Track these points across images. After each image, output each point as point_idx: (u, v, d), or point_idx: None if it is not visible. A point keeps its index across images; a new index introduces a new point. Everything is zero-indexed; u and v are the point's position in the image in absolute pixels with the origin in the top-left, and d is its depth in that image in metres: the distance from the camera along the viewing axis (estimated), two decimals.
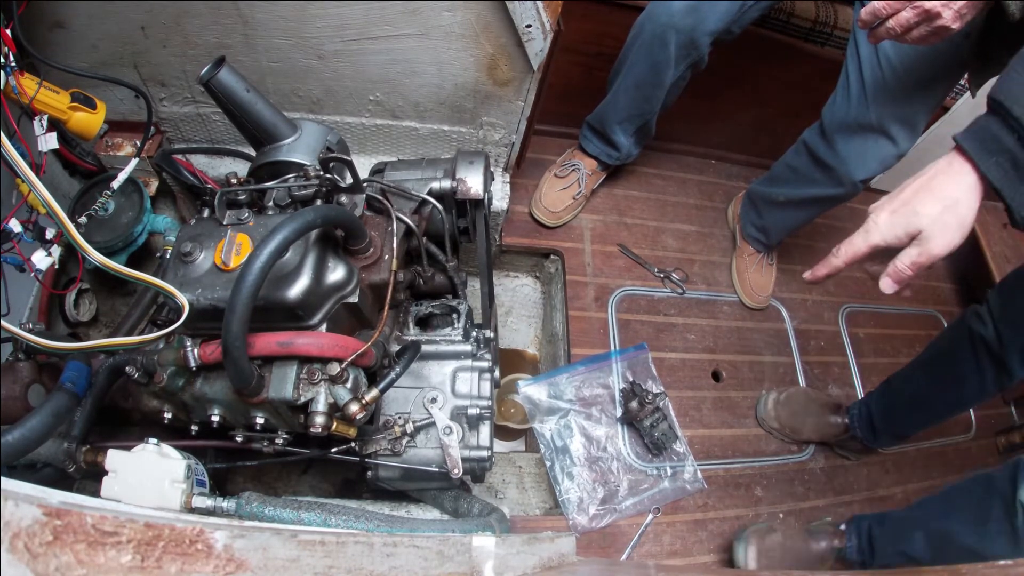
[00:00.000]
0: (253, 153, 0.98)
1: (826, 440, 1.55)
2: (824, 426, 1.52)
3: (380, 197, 0.95)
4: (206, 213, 0.91)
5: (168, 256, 0.87)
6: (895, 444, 1.55)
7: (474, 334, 1.06)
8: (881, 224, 0.75)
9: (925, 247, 0.72)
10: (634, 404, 1.39)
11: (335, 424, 0.81)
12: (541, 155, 1.74)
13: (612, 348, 1.56)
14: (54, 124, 0.91)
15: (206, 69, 0.85)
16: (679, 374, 1.59)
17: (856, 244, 0.77)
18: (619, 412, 1.46)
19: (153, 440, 0.79)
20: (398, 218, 0.94)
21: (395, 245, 0.91)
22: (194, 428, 0.91)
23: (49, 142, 0.89)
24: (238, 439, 0.89)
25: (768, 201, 1.62)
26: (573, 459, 1.39)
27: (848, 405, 1.53)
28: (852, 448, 1.56)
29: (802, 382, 1.68)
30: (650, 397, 1.39)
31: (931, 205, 0.72)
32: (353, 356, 0.81)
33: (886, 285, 0.76)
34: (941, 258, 0.73)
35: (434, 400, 0.97)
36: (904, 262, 0.74)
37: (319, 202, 0.89)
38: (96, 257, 0.71)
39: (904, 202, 0.74)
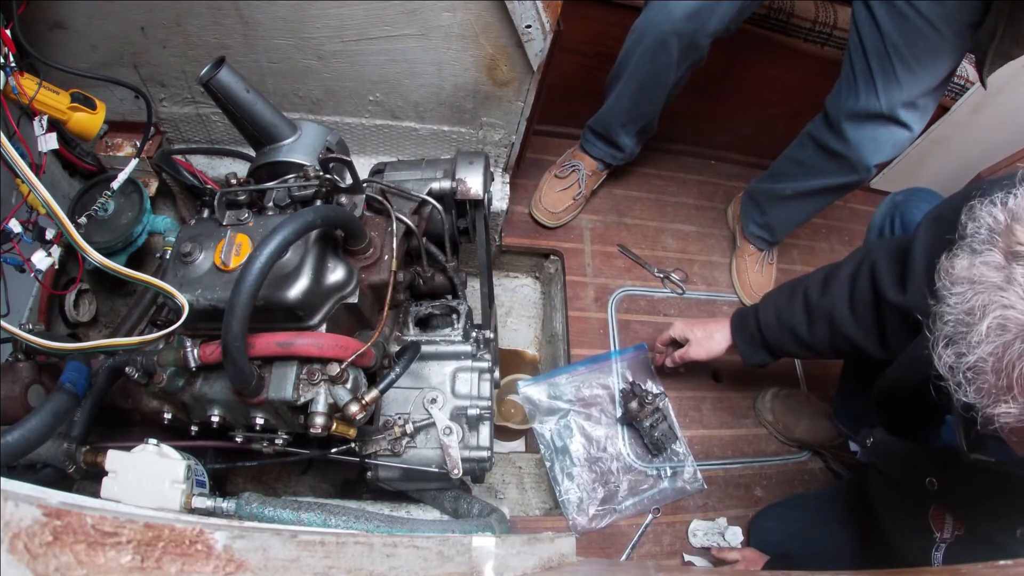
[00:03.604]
0: (253, 153, 0.98)
1: (817, 442, 1.54)
2: (817, 428, 1.52)
3: (380, 197, 0.95)
4: (206, 213, 0.91)
5: (168, 256, 0.87)
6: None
7: (474, 334, 1.06)
8: (676, 328, 1.39)
9: (688, 350, 1.36)
10: (634, 404, 1.39)
11: (335, 424, 0.81)
12: (541, 155, 1.74)
13: (612, 348, 1.56)
14: (54, 124, 0.91)
15: (206, 69, 0.85)
16: (679, 374, 1.59)
17: (663, 335, 1.43)
18: (619, 412, 1.46)
19: (153, 440, 0.79)
20: (398, 218, 0.94)
21: (395, 245, 0.91)
22: (194, 428, 0.91)
23: (49, 142, 0.89)
24: (238, 439, 0.89)
25: (773, 197, 1.61)
26: (573, 459, 1.39)
27: None
28: (844, 460, 1.55)
29: (802, 384, 1.68)
30: (650, 397, 1.39)
31: (700, 332, 1.35)
32: (353, 356, 0.81)
33: (668, 362, 1.43)
34: (694, 360, 1.36)
35: (434, 400, 0.97)
36: (677, 352, 1.39)
37: (319, 202, 0.89)
38: (96, 257, 0.71)
39: (691, 324, 1.37)
